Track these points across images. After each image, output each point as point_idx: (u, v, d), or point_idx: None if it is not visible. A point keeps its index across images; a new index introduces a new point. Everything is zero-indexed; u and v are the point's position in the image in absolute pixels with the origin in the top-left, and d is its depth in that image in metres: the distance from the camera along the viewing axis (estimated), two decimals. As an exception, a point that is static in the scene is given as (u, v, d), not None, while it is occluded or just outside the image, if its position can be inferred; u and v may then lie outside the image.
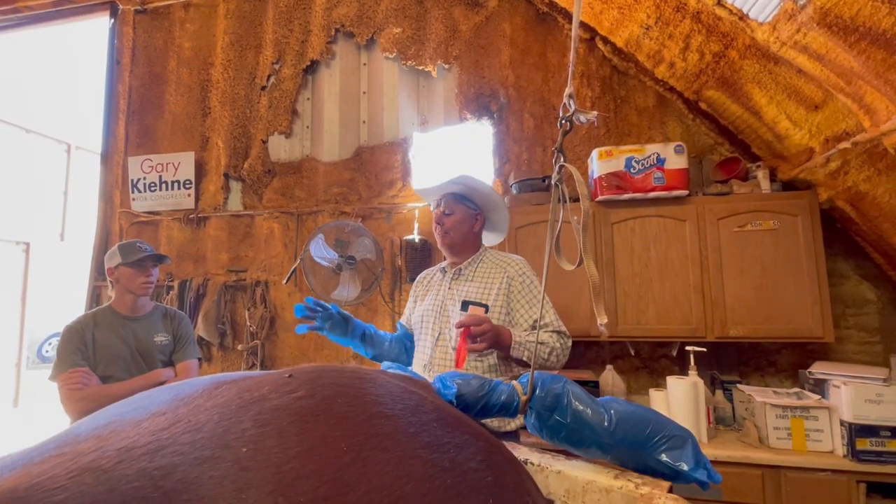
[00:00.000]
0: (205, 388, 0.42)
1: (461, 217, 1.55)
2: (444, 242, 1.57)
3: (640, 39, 2.19)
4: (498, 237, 1.68)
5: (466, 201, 1.57)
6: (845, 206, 2.01)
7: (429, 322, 1.53)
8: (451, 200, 1.57)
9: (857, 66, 1.36)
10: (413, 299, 1.70)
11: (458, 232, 1.54)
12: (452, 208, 1.55)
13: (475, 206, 1.58)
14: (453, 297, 1.51)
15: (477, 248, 1.60)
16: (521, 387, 0.79)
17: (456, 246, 1.56)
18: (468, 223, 1.56)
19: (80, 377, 1.63)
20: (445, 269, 1.63)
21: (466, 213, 1.56)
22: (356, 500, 0.31)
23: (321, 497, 0.30)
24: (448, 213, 1.55)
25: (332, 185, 2.94)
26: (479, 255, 1.58)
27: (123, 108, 3.29)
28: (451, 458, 0.36)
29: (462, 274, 1.55)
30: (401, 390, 0.45)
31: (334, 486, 0.32)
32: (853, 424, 1.72)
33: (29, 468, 0.32)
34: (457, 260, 1.59)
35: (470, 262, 1.56)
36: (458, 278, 1.55)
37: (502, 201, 1.60)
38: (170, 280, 3.02)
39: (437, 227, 1.57)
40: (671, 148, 2.16)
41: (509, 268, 1.50)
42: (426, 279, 1.70)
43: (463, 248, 1.57)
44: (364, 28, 2.95)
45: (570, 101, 0.77)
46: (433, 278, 1.67)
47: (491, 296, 1.46)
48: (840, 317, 2.25)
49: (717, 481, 0.71)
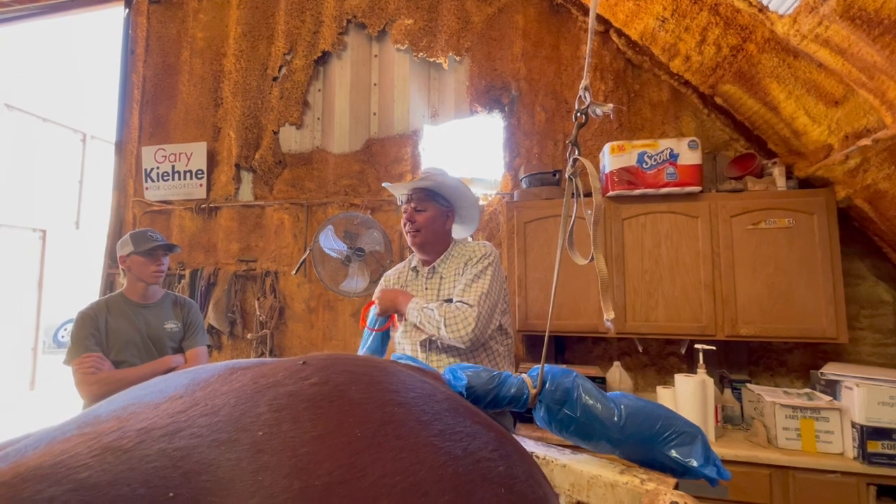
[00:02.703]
0: (220, 373, 0.43)
1: (433, 214, 1.51)
2: (415, 241, 1.52)
3: (656, 32, 2.15)
4: (468, 230, 1.64)
5: (438, 197, 1.53)
6: (864, 204, 1.97)
7: (417, 331, 1.49)
8: (422, 197, 1.52)
9: (881, 60, 1.32)
10: None
11: (430, 230, 1.50)
12: (424, 205, 1.51)
13: (447, 202, 1.54)
14: (434, 299, 1.49)
15: (448, 244, 1.56)
16: (531, 380, 0.80)
17: (427, 245, 1.53)
18: (440, 220, 1.52)
19: (94, 362, 1.67)
20: (417, 267, 1.58)
21: (438, 210, 1.52)
22: (370, 484, 0.31)
23: (336, 481, 0.31)
24: (419, 210, 1.50)
25: (342, 176, 2.95)
26: (449, 251, 1.54)
27: (137, 98, 3.32)
28: (464, 447, 0.37)
29: (437, 272, 1.52)
30: (413, 379, 0.45)
31: (348, 471, 0.32)
32: (865, 426, 1.70)
33: (52, 446, 0.33)
34: (428, 258, 1.55)
35: (442, 259, 1.53)
36: (434, 277, 1.52)
37: (475, 197, 1.57)
38: (181, 269, 3.06)
39: (408, 225, 1.52)
40: (685, 143, 2.13)
41: (474, 255, 1.48)
42: (401, 279, 1.64)
43: (434, 247, 1.53)
44: (376, 19, 2.93)
45: (586, 94, 0.76)
46: (407, 279, 1.62)
47: None
48: (854, 318, 2.21)
49: (726, 478, 0.71)
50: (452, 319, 1.36)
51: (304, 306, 2.94)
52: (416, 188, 1.53)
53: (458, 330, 1.35)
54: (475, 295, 1.39)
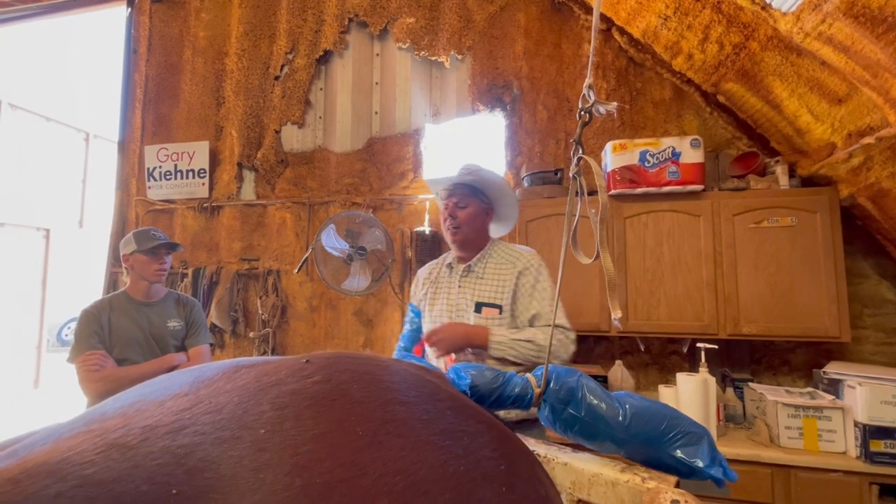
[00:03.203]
0: (224, 371, 0.43)
1: (475, 211, 1.47)
2: (456, 238, 1.48)
3: (658, 30, 2.15)
4: (504, 229, 1.61)
5: (479, 194, 1.49)
6: (867, 203, 1.96)
7: None
8: (465, 193, 1.47)
9: (885, 58, 1.32)
10: (422, 295, 1.61)
11: (471, 227, 1.46)
12: (466, 201, 1.46)
13: (487, 199, 1.51)
14: (465, 298, 1.45)
15: (485, 242, 1.52)
16: (535, 379, 0.80)
17: (468, 242, 1.49)
18: (480, 217, 1.48)
19: (97, 360, 1.68)
20: (452, 264, 1.55)
21: (479, 206, 1.48)
22: (370, 483, 0.31)
23: (336, 479, 0.31)
24: (462, 206, 1.46)
25: (344, 175, 2.95)
26: (487, 250, 1.50)
27: (140, 97, 3.33)
28: (465, 446, 0.37)
29: (472, 271, 1.48)
30: (416, 378, 0.45)
31: (349, 469, 0.32)
32: (868, 426, 1.70)
33: (59, 443, 0.34)
34: (465, 255, 1.51)
35: (479, 257, 1.48)
36: (469, 276, 1.48)
37: (515, 196, 1.53)
38: (184, 268, 3.07)
39: (449, 221, 1.47)
40: (687, 142, 2.13)
41: (518, 261, 1.44)
42: (432, 275, 1.61)
43: (473, 244, 1.49)
44: (377, 18, 2.93)
45: (590, 92, 0.76)
46: (440, 275, 1.58)
47: (504, 295, 1.40)
48: (858, 316, 2.20)
49: (732, 479, 0.70)
50: (558, 346, 1.33)
51: (307, 305, 2.94)
52: (458, 184, 1.48)
53: (561, 355, 1.34)
54: (562, 314, 1.38)
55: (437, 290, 1.55)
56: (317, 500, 0.30)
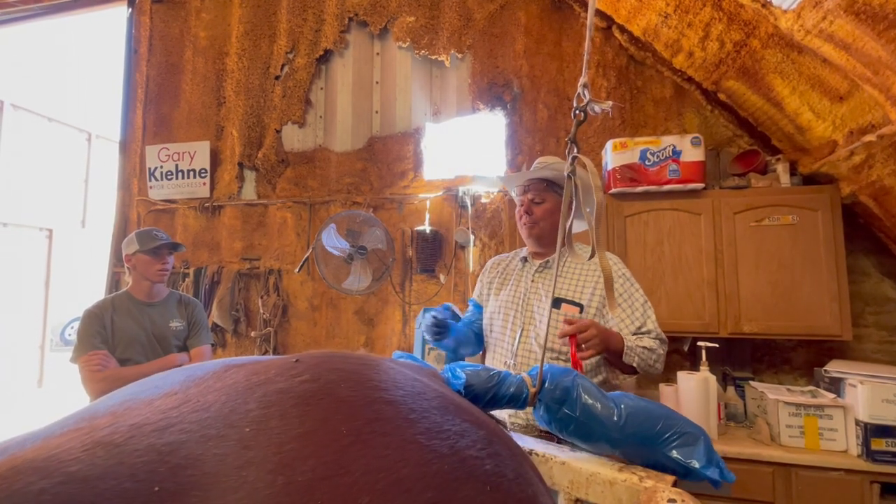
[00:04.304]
0: (215, 370, 0.44)
1: (552, 206, 1.41)
2: (532, 234, 1.44)
3: (659, 28, 2.14)
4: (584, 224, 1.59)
5: (556, 188, 1.42)
6: (868, 201, 1.95)
7: (509, 316, 1.43)
8: (540, 187, 1.42)
9: (886, 55, 1.31)
10: (487, 284, 1.57)
11: (549, 222, 1.41)
12: (542, 196, 1.41)
13: None
14: (538, 292, 1.40)
15: None
16: (530, 379, 0.80)
17: (545, 237, 1.44)
18: (558, 212, 1.46)
19: (100, 359, 1.69)
20: (527, 258, 1.50)
21: (557, 201, 1.41)
22: (353, 481, 0.31)
23: (319, 477, 0.31)
24: (538, 202, 1.42)
25: (345, 175, 2.96)
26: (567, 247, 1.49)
27: (141, 98, 3.34)
28: (451, 445, 0.37)
29: (549, 267, 1.43)
30: (404, 377, 0.46)
31: (332, 467, 0.32)
32: (869, 424, 1.69)
33: (48, 441, 0.34)
34: (543, 251, 1.47)
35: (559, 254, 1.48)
36: (545, 271, 1.44)
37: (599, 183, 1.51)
38: (185, 267, 3.08)
39: (525, 217, 1.43)
40: (688, 140, 2.12)
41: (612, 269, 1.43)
42: (501, 266, 1.56)
43: (551, 239, 1.43)
44: (378, 17, 2.93)
45: (585, 91, 0.76)
46: (510, 266, 1.53)
47: (586, 295, 1.35)
48: (859, 315, 2.19)
49: (729, 480, 0.70)
50: (658, 359, 1.32)
51: (308, 304, 2.95)
52: (534, 179, 1.45)
53: (659, 369, 1.33)
54: (655, 323, 1.36)
55: (505, 280, 1.51)
56: (298, 497, 0.30)
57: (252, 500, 0.30)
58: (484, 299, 1.57)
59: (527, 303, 1.41)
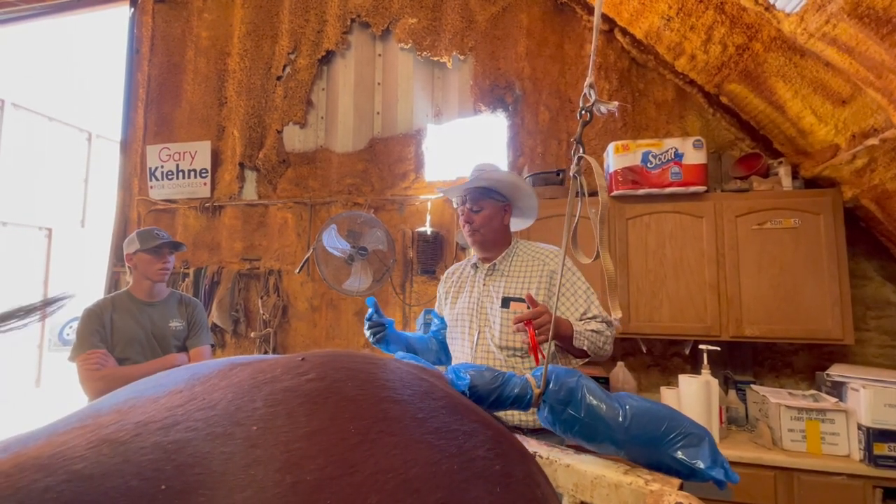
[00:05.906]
0: (220, 368, 0.43)
1: (490, 212, 1.47)
2: (475, 241, 1.50)
3: (661, 31, 2.14)
4: (527, 221, 1.61)
5: (493, 193, 1.48)
6: (871, 204, 1.95)
7: (465, 322, 1.48)
8: (477, 196, 1.48)
9: (889, 59, 1.31)
10: (444, 294, 1.63)
11: (489, 228, 1.47)
12: (480, 204, 1.47)
13: (502, 197, 1.50)
14: (490, 295, 1.45)
15: (509, 241, 1.53)
16: (534, 380, 0.79)
17: (487, 242, 1.50)
18: (498, 217, 1.49)
19: (98, 359, 1.68)
20: (477, 264, 1.55)
21: (495, 206, 1.48)
22: (361, 481, 0.31)
23: (327, 476, 0.31)
24: (476, 210, 1.47)
25: (346, 175, 2.96)
26: (512, 249, 1.51)
27: (142, 97, 3.34)
28: (459, 445, 0.36)
29: (497, 269, 1.49)
30: (411, 377, 0.45)
31: (340, 467, 0.32)
32: (871, 428, 1.68)
33: (53, 438, 0.33)
34: (489, 255, 1.52)
35: (504, 256, 1.50)
36: (493, 274, 1.49)
37: (529, 187, 1.52)
38: (185, 267, 3.07)
39: (466, 226, 1.49)
40: (690, 143, 2.12)
41: (549, 261, 1.44)
42: (455, 275, 1.63)
43: (495, 244, 1.50)
44: (380, 18, 2.94)
45: (591, 91, 0.75)
46: (464, 274, 1.60)
47: (532, 290, 1.40)
48: (861, 319, 2.19)
49: (734, 481, 0.69)
50: (612, 341, 1.37)
51: (308, 305, 2.94)
52: (468, 188, 1.49)
53: (609, 351, 1.38)
54: (599, 307, 1.40)
55: (461, 288, 1.57)
56: (306, 497, 0.30)
57: (260, 498, 0.29)
58: (444, 309, 1.62)
59: (480, 307, 1.47)
